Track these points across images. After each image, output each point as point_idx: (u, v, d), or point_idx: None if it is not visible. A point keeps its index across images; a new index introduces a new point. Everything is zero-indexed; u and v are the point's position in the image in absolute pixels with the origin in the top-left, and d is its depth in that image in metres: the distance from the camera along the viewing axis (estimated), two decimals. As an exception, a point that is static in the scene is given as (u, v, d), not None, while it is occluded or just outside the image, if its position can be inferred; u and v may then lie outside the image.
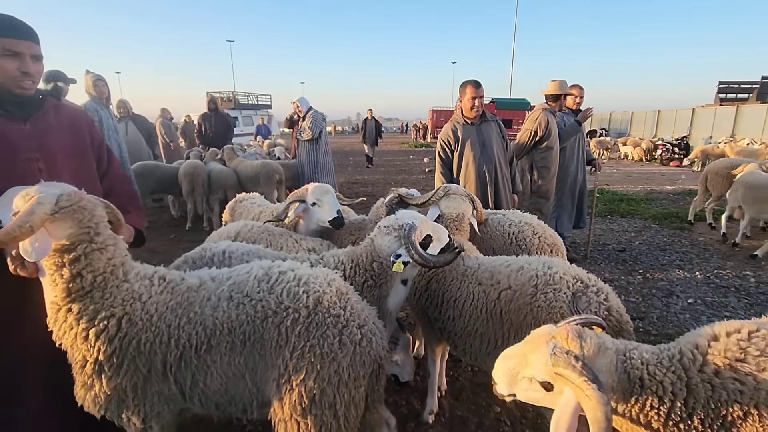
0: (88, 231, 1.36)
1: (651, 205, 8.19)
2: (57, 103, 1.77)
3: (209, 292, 1.54)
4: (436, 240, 1.84)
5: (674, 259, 5.09)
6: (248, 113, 20.54)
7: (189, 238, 5.90)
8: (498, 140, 3.67)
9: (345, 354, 1.45)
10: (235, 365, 1.49)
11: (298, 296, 1.49)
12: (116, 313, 1.41)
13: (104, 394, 1.46)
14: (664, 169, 15.23)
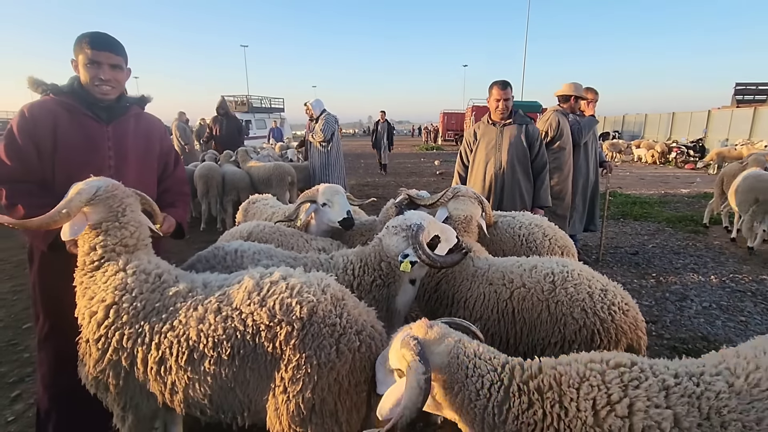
0: (116, 213, 1.58)
1: (665, 208, 8.08)
2: (139, 112, 2.09)
3: (197, 302, 1.51)
4: (444, 241, 1.85)
5: (688, 262, 5.02)
6: (261, 116, 20.78)
7: (203, 238, 6.00)
8: (518, 145, 3.48)
9: (344, 362, 1.41)
10: (221, 379, 1.45)
11: (291, 308, 1.43)
12: (107, 299, 1.50)
13: (93, 375, 1.55)
14: (678, 172, 15.00)
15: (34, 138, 1.76)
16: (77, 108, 1.84)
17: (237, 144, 7.99)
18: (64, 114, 1.82)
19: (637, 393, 1.03)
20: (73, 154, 1.83)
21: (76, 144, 1.84)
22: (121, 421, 1.63)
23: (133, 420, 1.61)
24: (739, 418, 0.97)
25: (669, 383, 1.04)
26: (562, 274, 1.79)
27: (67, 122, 1.82)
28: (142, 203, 1.75)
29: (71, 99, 1.85)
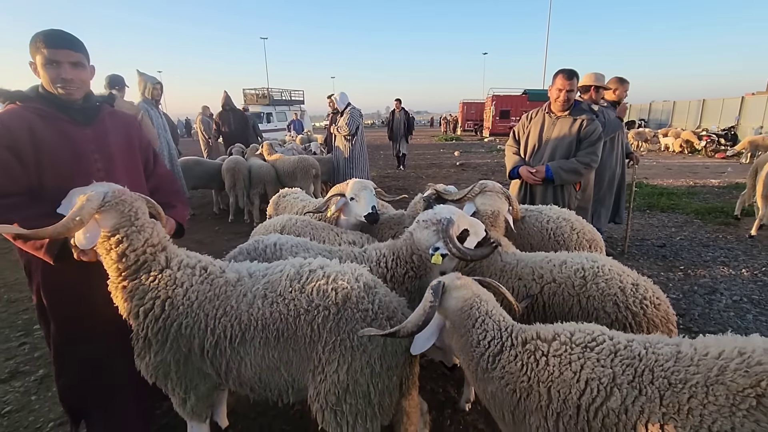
0: (129, 217, 1.57)
1: (693, 200, 7.87)
2: (111, 110, 2.01)
3: (246, 289, 1.65)
4: (473, 234, 1.91)
5: (718, 255, 4.93)
6: (282, 109, 21.01)
7: (231, 230, 6.21)
8: (565, 140, 3.27)
9: (375, 346, 1.51)
10: (269, 358, 1.59)
11: (327, 294, 1.56)
12: (161, 295, 1.59)
13: (153, 365, 1.66)
14: (708, 161, 14.50)
15: (12, 149, 1.65)
16: (51, 113, 1.74)
17: (245, 138, 8.20)
18: (39, 121, 1.71)
19: (591, 354, 1.25)
20: (58, 161, 1.73)
21: (59, 150, 1.73)
22: (182, 404, 1.76)
23: (194, 401, 1.75)
24: (668, 377, 1.12)
25: (619, 347, 1.24)
26: (593, 270, 1.83)
27: (44, 129, 1.71)
28: (148, 206, 1.73)
29: (42, 104, 1.74)
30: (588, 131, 3.25)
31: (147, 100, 5.11)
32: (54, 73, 1.70)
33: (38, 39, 1.68)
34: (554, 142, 3.33)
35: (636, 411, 1.12)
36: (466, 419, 2.35)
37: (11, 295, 4.14)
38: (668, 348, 1.19)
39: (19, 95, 1.75)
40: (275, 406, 2.46)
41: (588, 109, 3.40)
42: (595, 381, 1.19)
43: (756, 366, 1.04)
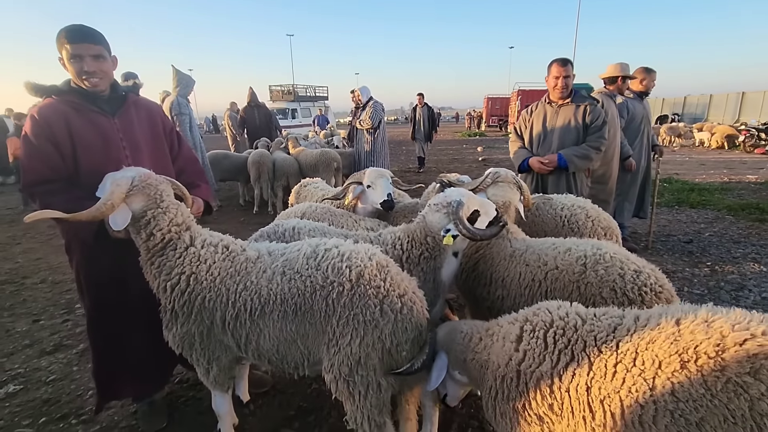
0: (155, 199, 1.69)
1: (727, 196, 7.58)
2: (136, 99, 2.13)
3: (265, 265, 1.74)
4: (483, 214, 1.95)
5: (749, 252, 4.76)
6: (306, 105, 21.34)
7: (256, 221, 6.42)
8: (571, 127, 3.31)
9: (387, 321, 1.58)
10: (286, 331, 1.68)
11: (342, 271, 1.63)
12: (186, 271, 1.71)
13: (179, 336, 1.79)
14: (746, 156, 13.84)
15: (51, 139, 1.80)
16: (83, 105, 1.88)
17: (269, 132, 8.47)
18: (72, 113, 1.85)
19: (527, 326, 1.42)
20: (91, 150, 1.87)
21: (91, 140, 1.88)
22: (206, 374, 1.89)
23: (216, 371, 1.87)
24: (587, 338, 1.28)
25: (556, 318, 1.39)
26: (595, 257, 1.84)
27: (78, 121, 1.86)
28: (173, 189, 1.84)
29: (74, 97, 1.88)
30: (593, 116, 3.29)
31: (184, 95, 5.41)
32: (78, 66, 1.83)
33: (61, 35, 1.80)
34: (561, 131, 3.35)
35: (569, 374, 1.26)
36: (477, 403, 2.41)
37: (55, 277, 4.45)
38: (611, 320, 1.30)
39: (54, 90, 1.90)
40: (294, 384, 2.59)
41: (587, 96, 3.44)
42: (531, 350, 1.36)
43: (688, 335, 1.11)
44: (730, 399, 1.01)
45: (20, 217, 7.09)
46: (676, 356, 1.09)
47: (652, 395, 1.10)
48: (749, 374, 1.00)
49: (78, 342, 3.16)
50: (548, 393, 1.29)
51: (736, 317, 1.13)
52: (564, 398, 1.26)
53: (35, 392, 2.58)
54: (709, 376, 1.04)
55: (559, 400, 1.27)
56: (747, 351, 1.02)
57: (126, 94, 2.06)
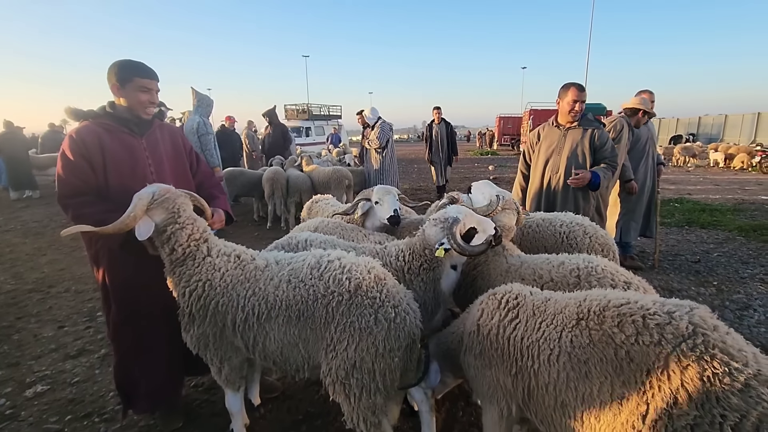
0: (173, 214, 1.87)
1: (738, 216, 7.54)
2: (161, 123, 2.39)
3: (272, 274, 1.89)
4: (481, 232, 2.07)
5: (757, 272, 4.75)
6: (320, 123, 21.81)
7: (269, 236, 6.61)
8: (579, 150, 3.39)
9: (380, 329, 1.69)
10: (290, 335, 1.81)
11: (342, 282, 1.77)
12: (202, 278, 1.89)
13: (195, 337, 1.96)
14: (762, 177, 13.68)
15: (86, 156, 2.00)
16: (115, 127, 2.11)
17: (282, 150, 8.64)
18: (105, 134, 2.07)
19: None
20: (120, 166, 2.08)
21: (121, 157, 2.09)
22: (219, 372, 2.04)
23: (227, 370, 2.02)
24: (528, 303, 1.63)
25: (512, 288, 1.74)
26: (587, 269, 1.95)
27: (109, 140, 2.07)
28: (192, 201, 2.02)
29: (108, 120, 2.12)
30: (602, 140, 3.40)
31: (204, 115, 5.73)
32: (147, 97, 2.13)
33: (133, 68, 2.10)
34: (569, 153, 3.43)
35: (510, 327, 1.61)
36: (477, 411, 2.48)
37: (78, 287, 4.67)
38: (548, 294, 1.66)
39: (91, 114, 2.15)
40: (303, 390, 2.71)
41: (593, 119, 3.51)
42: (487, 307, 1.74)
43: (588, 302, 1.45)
44: (603, 346, 1.33)
45: (46, 229, 7.44)
46: (575, 315, 1.44)
47: (558, 342, 1.44)
48: (617, 326, 1.32)
49: (99, 347, 3.33)
50: (495, 340, 1.63)
51: (633, 294, 1.44)
52: (504, 344, 1.60)
53: (61, 392, 2.74)
54: (592, 329, 1.37)
55: (502, 346, 1.60)
56: (619, 310, 1.35)
57: (153, 118, 2.29)
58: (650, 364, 1.22)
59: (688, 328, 1.22)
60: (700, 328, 1.22)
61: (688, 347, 1.19)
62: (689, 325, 1.23)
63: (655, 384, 1.20)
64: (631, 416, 1.23)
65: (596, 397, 1.31)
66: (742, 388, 1.10)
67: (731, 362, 1.14)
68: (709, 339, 1.19)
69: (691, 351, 1.18)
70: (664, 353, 1.21)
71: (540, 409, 1.50)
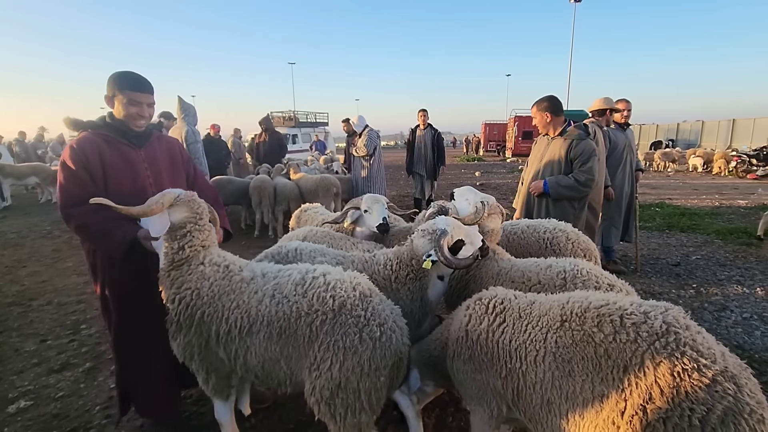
0: (195, 216, 1.90)
1: (716, 220, 7.79)
2: (159, 135, 2.40)
3: (257, 287, 1.86)
4: (469, 244, 2.10)
5: (734, 274, 4.92)
6: (307, 131, 21.83)
7: (257, 244, 6.57)
8: (557, 160, 3.55)
9: (365, 348, 1.66)
10: (271, 351, 1.78)
11: (326, 300, 1.74)
12: (191, 286, 1.89)
13: (182, 346, 1.95)
14: (738, 182, 14.15)
15: (86, 166, 2.02)
16: (114, 139, 2.12)
17: (278, 158, 8.64)
18: (104, 145, 2.08)
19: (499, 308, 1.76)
20: (120, 177, 2.09)
21: (120, 168, 2.10)
22: (206, 383, 2.04)
23: (214, 380, 2.02)
24: (514, 307, 1.70)
25: (496, 293, 1.82)
26: (573, 272, 2.03)
27: (109, 152, 2.08)
28: (209, 212, 2.05)
29: (107, 131, 2.13)
30: (578, 150, 3.45)
31: (192, 124, 5.73)
32: (135, 110, 2.11)
33: (124, 81, 2.09)
34: (547, 162, 3.63)
35: (499, 331, 1.68)
36: (467, 417, 2.51)
37: (60, 299, 4.58)
38: (532, 297, 1.74)
39: (90, 124, 2.16)
40: (293, 399, 2.71)
41: (581, 128, 3.61)
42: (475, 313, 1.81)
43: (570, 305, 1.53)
44: (584, 345, 1.40)
45: (25, 240, 7.26)
46: (559, 317, 1.52)
47: (543, 343, 1.51)
48: (596, 326, 1.40)
49: (84, 361, 3.27)
50: (485, 344, 1.69)
51: (613, 296, 1.52)
52: (494, 348, 1.66)
53: (45, 407, 2.69)
54: (574, 330, 1.45)
55: (491, 350, 1.66)
56: (598, 311, 1.43)
57: (151, 130, 2.31)
58: (627, 360, 1.29)
59: (661, 327, 1.30)
60: (672, 327, 1.30)
61: (662, 345, 1.26)
62: (663, 324, 1.31)
63: (632, 381, 1.27)
64: (612, 413, 1.29)
65: (579, 395, 1.38)
66: (709, 383, 1.18)
67: (700, 359, 1.22)
68: (680, 337, 1.27)
69: (664, 348, 1.26)
70: (640, 351, 1.28)
71: (528, 409, 1.56)
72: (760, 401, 1.19)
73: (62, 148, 9.21)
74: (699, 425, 1.15)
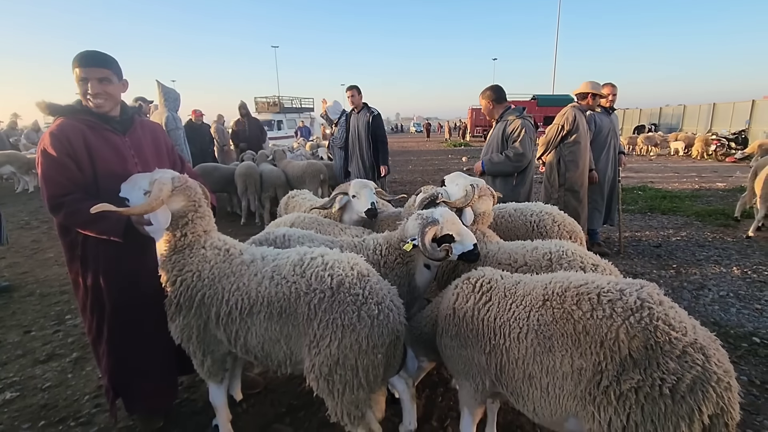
0: (194, 203, 1.89)
1: (696, 202, 7.99)
2: (141, 119, 2.30)
3: (257, 269, 1.88)
4: (458, 242, 2.10)
5: (712, 254, 5.08)
6: (292, 116, 21.49)
7: (243, 231, 6.53)
8: (495, 141, 3.90)
9: (363, 326, 1.69)
10: (271, 331, 1.81)
11: (324, 279, 1.76)
12: (193, 269, 1.89)
13: (180, 327, 1.96)
14: (717, 165, 14.49)
15: (71, 154, 1.91)
16: (98, 124, 2.01)
17: (260, 143, 8.58)
18: (88, 131, 1.97)
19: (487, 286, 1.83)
20: (108, 165, 2.00)
21: (107, 156, 2.00)
22: (201, 365, 2.04)
23: (210, 362, 2.03)
24: (500, 286, 1.76)
25: (484, 273, 1.87)
26: (559, 253, 2.08)
27: (94, 137, 1.97)
28: (204, 195, 2.01)
29: (88, 116, 2.00)
30: (509, 129, 3.77)
31: (173, 110, 5.56)
32: (83, 88, 1.97)
33: (74, 60, 1.95)
34: (488, 144, 4.03)
35: (485, 309, 1.74)
36: (455, 397, 2.58)
37: (43, 290, 4.49)
38: (518, 277, 1.80)
39: (69, 109, 2.03)
40: (285, 384, 2.74)
41: (517, 110, 3.89)
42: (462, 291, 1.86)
43: (552, 285, 1.59)
44: (564, 323, 1.46)
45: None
46: (542, 297, 1.57)
47: (526, 321, 1.57)
48: (575, 305, 1.46)
49: (71, 351, 3.24)
50: (471, 322, 1.75)
51: (593, 276, 1.58)
52: (479, 325, 1.72)
53: (32, 398, 2.66)
54: (555, 308, 1.51)
55: (477, 327, 1.72)
56: (578, 290, 1.49)
57: (133, 115, 2.21)
58: (603, 335, 1.36)
59: (636, 303, 1.37)
60: (646, 302, 1.36)
61: (636, 320, 1.33)
62: (637, 300, 1.37)
63: (608, 354, 1.34)
64: (589, 384, 1.36)
65: (558, 369, 1.45)
66: (679, 354, 1.25)
67: (671, 332, 1.29)
68: (653, 312, 1.33)
69: (638, 323, 1.32)
70: (615, 325, 1.35)
71: (510, 383, 1.63)
72: (727, 370, 1.26)
73: (38, 136, 8.90)
74: (669, 394, 1.22)
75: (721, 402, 1.22)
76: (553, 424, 1.57)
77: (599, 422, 1.33)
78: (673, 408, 1.22)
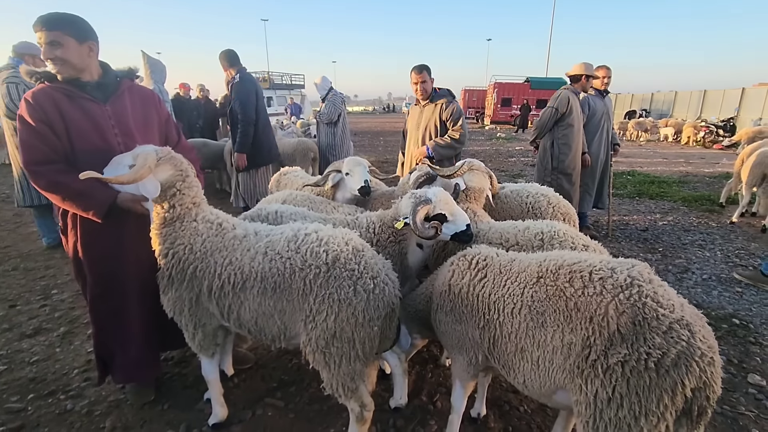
0: (181, 173, 1.87)
1: (683, 188, 8.11)
2: (131, 85, 2.15)
3: (250, 244, 1.88)
4: (451, 222, 2.10)
5: (697, 239, 5.19)
6: (282, 93, 21.01)
7: (232, 210, 6.45)
8: (433, 123, 3.84)
9: (359, 300, 1.72)
10: (264, 306, 1.82)
11: (319, 255, 1.77)
12: (185, 242, 1.88)
13: (172, 300, 1.96)
14: (705, 151, 14.69)
15: (46, 121, 1.84)
16: (74, 92, 1.91)
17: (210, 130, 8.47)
18: (64, 99, 1.89)
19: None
20: (84, 136, 1.91)
21: (83, 126, 1.91)
22: (192, 338, 2.04)
23: (201, 336, 2.03)
24: (495, 263, 1.79)
25: (480, 251, 1.89)
26: (550, 233, 2.09)
27: (69, 107, 1.89)
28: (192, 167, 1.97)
29: (64, 84, 1.91)
30: (448, 112, 3.79)
31: (159, 82, 5.37)
32: (41, 54, 1.90)
33: None
34: (425, 127, 3.93)
35: (480, 285, 1.77)
36: (445, 373, 2.63)
37: (27, 264, 4.41)
38: (513, 255, 1.82)
39: (46, 75, 1.94)
40: (275, 359, 2.76)
41: (447, 93, 3.89)
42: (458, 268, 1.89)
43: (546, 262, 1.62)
44: (557, 300, 1.49)
45: (-14, 205, 6.88)
46: (536, 274, 1.60)
47: (520, 297, 1.60)
48: (568, 282, 1.49)
49: (58, 326, 3.20)
50: (466, 297, 1.78)
51: (587, 255, 1.62)
52: (474, 301, 1.75)
53: (20, 372, 2.64)
54: (548, 285, 1.54)
55: (471, 302, 1.75)
56: (571, 268, 1.53)
57: (120, 79, 2.09)
58: (593, 312, 1.40)
59: (626, 281, 1.40)
60: (636, 280, 1.40)
61: (625, 296, 1.37)
62: (627, 278, 1.41)
63: (597, 329, 1.38)
64: (578, 358, 1.40)
65: (549, 343, 1.49)
66: (666, 330, 1.29)
67: (659, 309, 1.32)
68: (643, 290, 1.37)
69: (627, 300, 1.36)
70: (605, 302, 1.38)
71: (503, 356, 1.68)
72: (711, 346, 1.30)
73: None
74: (654, 367, 1.26)
75: (704, 376, 1.25)
76: (542, 396, 1.61)
77: (586, 394, 1.37)
78: (657, 381, 1.26)
